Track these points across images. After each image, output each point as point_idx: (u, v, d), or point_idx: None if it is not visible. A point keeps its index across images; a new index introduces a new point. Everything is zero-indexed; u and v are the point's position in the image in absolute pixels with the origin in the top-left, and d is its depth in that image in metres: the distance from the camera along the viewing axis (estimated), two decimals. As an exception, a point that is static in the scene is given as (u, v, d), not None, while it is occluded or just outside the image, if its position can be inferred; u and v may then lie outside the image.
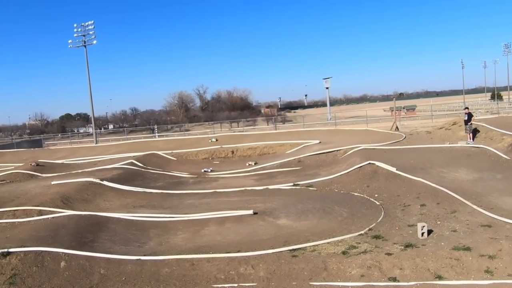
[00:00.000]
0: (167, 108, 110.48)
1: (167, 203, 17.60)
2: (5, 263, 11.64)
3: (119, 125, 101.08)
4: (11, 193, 19.14)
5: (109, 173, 22.27)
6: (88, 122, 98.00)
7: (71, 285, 10.93)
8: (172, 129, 74.86)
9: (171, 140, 41.67)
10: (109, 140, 54.73)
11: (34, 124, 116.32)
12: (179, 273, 11.02)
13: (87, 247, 12.62)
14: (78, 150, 38.77)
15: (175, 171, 25.43)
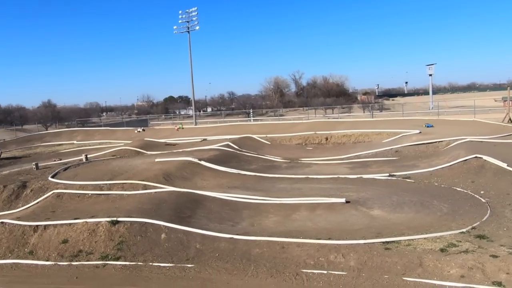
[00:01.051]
0: (262, 92, 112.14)
1: (260, 185, 17.97)
2: (114, 230, 12.85)
3: (217, 108, 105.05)
4: (121, 168, 20.93)
5: (206, 154, 23.31)
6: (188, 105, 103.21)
7: (170, 256, 11.74)
8: (267, 113, 75.91)
9: (266, 124, 42.32)
10: (207, 122, 57.13)
11: (141, 105, 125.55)
12: (270, 255, 11.26)
13: (185, 222, 13.41)
14: (179, 131, 41.06)
15: (269, 155, 25.83)
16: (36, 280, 11.08)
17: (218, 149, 25.38)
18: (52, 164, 25.00)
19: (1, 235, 13.51)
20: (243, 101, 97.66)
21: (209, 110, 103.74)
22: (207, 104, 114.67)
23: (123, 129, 45.81)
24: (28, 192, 18.54)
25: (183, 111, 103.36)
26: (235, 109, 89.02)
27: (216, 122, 54.05)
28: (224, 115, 65.21)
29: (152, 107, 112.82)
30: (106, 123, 63.86)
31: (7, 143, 41.23)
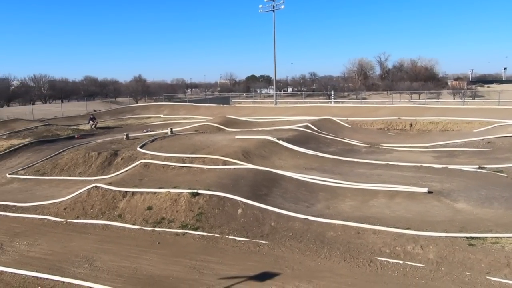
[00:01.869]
0: (345, 74, 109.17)
1: (338, 169, 17.72)
2: (194, 201, 13.47)
3: (297, 88, 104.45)
4: (202, 143, 21.75)
5: (285, 134, 23.40)
6: (269, 84, 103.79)
7: (245, 230, 12.09)
8: (348, 96, 74.10)
9: (347, 107, 41.33)
10: (287, 102, 57.19)
11: (224, 83, 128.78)
12: (344, 239, 11.16)
13: (261, 199, 13.68)
14: (259, 110, 41.54)
15: (348, 139, 25.30)
16: (123, 241, 12.01)
17: (297, 130, 25.35)
18: (141, 135, 26.65)
19: (95, 198, 14.77)
20: (325, 82, 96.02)
21: (290, 90, 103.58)
22: (288, 84, 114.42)
23: (206, 105, 47.32)
24: (119, 160, 20.00)
25: (264, 90, 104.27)
26: (316, 90, 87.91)
27: (296, 103, 53.87)
28: (304, 95, 64.65)
29: (234, 85, 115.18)
30: (190, 99, 66.38)
31: (102, 114, 44.54)
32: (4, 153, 24.91)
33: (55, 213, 14.50)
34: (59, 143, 27.14)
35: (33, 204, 15.53)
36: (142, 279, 9.75)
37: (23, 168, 21.35)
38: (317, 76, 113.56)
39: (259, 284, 9.20)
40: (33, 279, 10.00)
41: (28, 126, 33.05)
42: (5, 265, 10.71)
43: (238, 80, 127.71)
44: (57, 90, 76.78)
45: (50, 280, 9.86)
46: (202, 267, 10.19)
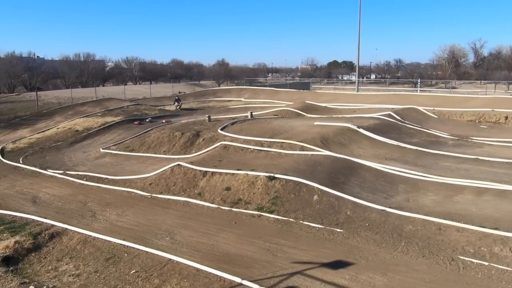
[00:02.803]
0: (434, 62, 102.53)
1: (421, 161, 16.92)
2: (271, 185, 13.66)
3: (381, 75, 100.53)
4: (281, 127, 21.86)
5: (366, 122, 22.74)
6: (352, 70, 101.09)
7: (320, 217, 12.06)
8: (436, 84, 69.79)
9: (434, 96, 39.03)
10: (369, 90, 55.36)
11: (305, 68, 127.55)
12: (423, 234, 10.71)
13: (338, 187, 13.51)
14: (340, 96, 40.69)
15: (434, 130, 23.96)
16: (202, 219, 12.56)
17: (378, 118, 24.52)
18: (222, 118, 27.43)
19: (177, 175, 15.55)
20: (411, 69, 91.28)
21: (373, 77, 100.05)
22: (371, 71, 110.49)
23: (286, 90, 47.31)
24: (201, 140, 20.81)
25: (346, 76, 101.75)
26: (401, 77, 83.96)
27: (379, 90, 51.97)
28: (388, 83, 62.14)
29: (315, 71, 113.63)
30: (270, 83, 66.73)
31: (187, 95, 46.41)
32: (99, 129, 27.05)
33: (142, 188, 15.50)
34: (146, 122, 28.81)
35: (122, 178, 16.75)
36: (218, 255, 10.15)
37: (114, 144, 23.06)
38: (403, 63, 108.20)
39: (331, 271, 9.16)
40: (121, 247, 10.84)
41: (120, 105, 35.46)
42: (97, 232, 11.73)
43: (319, 66, 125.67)
44: (147, 72, 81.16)
45: (135, 249, 10.62)
46: (276, 249, 10.36)
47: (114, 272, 9.71)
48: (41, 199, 15.03)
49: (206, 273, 9.29)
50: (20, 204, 14.48)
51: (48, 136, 26.93)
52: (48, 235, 11.75)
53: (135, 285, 9.06)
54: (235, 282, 8.85)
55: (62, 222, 12.49)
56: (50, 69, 62.20)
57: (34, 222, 12.62)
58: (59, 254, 10.89)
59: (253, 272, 9.23)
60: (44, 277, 9.79)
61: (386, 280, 8.81)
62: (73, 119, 30.33)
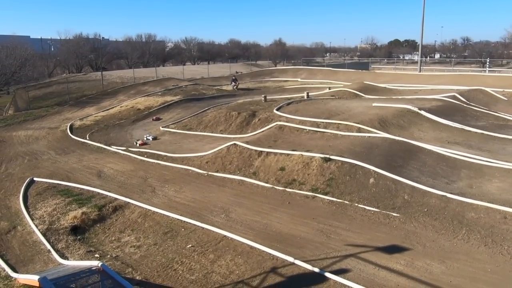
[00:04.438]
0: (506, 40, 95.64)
1: (487, 145, 16.00)
2: (326, 167, 13.54)
3: (446, 55, 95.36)
4: (338, 108, 21.46)
5: (428, 104, 21.77)
6: (414, 50, 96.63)
7: (375, 201, 11.81)
8: (507, 64, 65.34)
9: (504, 77, 36.54)
10: (433, 70, 52.82)
11: (364, 47, 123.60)
12: (487, 222, 10.21)
13: (396, 171, 13.12)
14: (401, 77, 39.20)
15: (503, 113, 22.49)
16: (256, 198, 12.72)
17: (441, 100, 23.36)
18: (278, 98, 27.37)
19: (233, 154, 15.80)
20: (479, 48, 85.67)
21: (437, 57, 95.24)
22: (435, 50, 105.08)
23: (344, 70, 46.27)
24: (256, 120, 20.93)
25: (408, 56, 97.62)
26: (468, 57, 79.26)
27: (444, 71, 49.44)
28: (454, 63, 58.92)
29: (375, 50, 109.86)
30: (328, 63, 65.51)
31: (243, 75, 46.71)
32: (159, 108, 27.98)
33: (198, 165, 15.92)
34: (204, 101, 29.37)
35: (180, 156, 17.28)
36: (271, 234, 10.28)
37: (173, 123, 23.78)
38: (471, 41, 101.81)
39: (386, 256, 9.00)
40: (178, 222, 11.27)
41: (180, 84, 36.36)
42: (157, 207, 12.25)
43: (380, 45, 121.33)
44: (205, 52, 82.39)
45: (192, 225, 11.00)
46: (329, 231, 10.32)
47: (172, 245, 10.13)
48: (106, 173, 15.87)
49: (260, 251, 9.46)
50: (87, 178, 15.38)
51: (112, 114, 28.25)
52: (112, 207, 12.44)
53: (191, 259, 9.41)
54: (288, 261, 8.94)
55: (124, 196, 13.16)
56: (114, 49, 64.84)
57: (99, 195, 13.39)
58: (122, 226, 11.51)
59: (306, 253, 9.27)
60: (108, 247, 10.42)
61: (444, 268, 8.53)
62: (135, 98, 31.56)
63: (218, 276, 8.67)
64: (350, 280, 8.05)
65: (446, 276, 8.21)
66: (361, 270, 8.48)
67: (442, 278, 8.15)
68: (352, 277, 8.20)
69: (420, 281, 8.06)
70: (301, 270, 8.65)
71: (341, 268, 8.56)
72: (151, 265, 9.32)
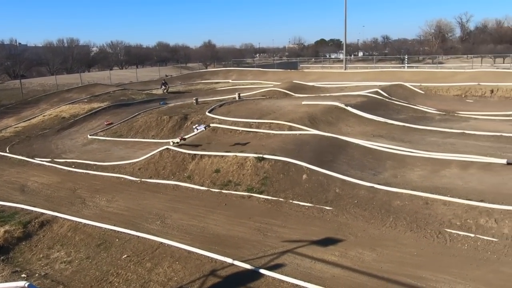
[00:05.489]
0: (421, 37, 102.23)
1: (408, 137, 17.08)
2: (260, 166, 13.71)
3: (368, 53, 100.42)
4: (269, 108, 21.83)
5: (353, 100, 22.80)
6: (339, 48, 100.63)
7: (309, 196, 12.16)
8: (423, 60, 69.88)
9: (421, 72, 39.15)
10: (357, 67, 55.34)
11: (292, 47, 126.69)
12: (411, 209, 10.88)
13: (326, 165, 13.60)
14: (327, 75, 40.60)
15: (421, 105, 24.12)
16: (192, 202, 12.60)
17: (366, 96, 24.58)
18: (210, 100, 27.28)
19: (166, 159, 15.52)
20: (398, 46, 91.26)
21: (360, 55, 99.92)
22: (358, 48, 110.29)
23: (273, 70, 47.07)
24: (189, 123, 20.74)
25: (333, 54, 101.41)
26: (388, 54, 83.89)
27: (367, 68, 51.96)
28: (375, 60, 62.09)
29: (303, 50, 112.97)
30: (258, 64, 66.36)
31: (174, 78, 45.97)
32: (86, 116, 26.76)
33: (131, 173, 15.47)
34: (134, 106, 28.54)
35: (111, 164, 16.67)
36: (208, 237, 10.23)
37: (102, 130, 22.88)
38: (390, 39, 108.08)
39: (321, 249, 9.31)
40: (112, 232, 10.86)
41: (106, 90, 35.01)
42: (88, 218, 11.71)
43: (307, 45, 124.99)
44: (132, 56, 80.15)
45: (127, 234, 10.65)
46: (266, 229, 10.47)
47: (106, 257, 9.75)
48: (30, 187, 14.94)
49: (198, 255, 9.38)
50: (9, 194, 14.38)
51: (35, 124, 26.63)
52: (38, 223, 11.72)
53: (127, 269, 9.12)
54: (227, 262, 8.95)
55: (51, 210, 12.45)
56: (34, 55, 61.13)
57: (23, 211, 12.56)
58: (50, 241, 10.88)
59: (244, 252, 9.33)
60: (35, 265, 9.80)
61: (375, 255, 8.98)
62: (59, 106, 29.94)
63: (156, 285, 8.48)
64: (287, 276, 8.23)
65: (377, 263, 8.66)
66: (297, 264, 8.70)
67: (373, 265, 8.57)
68: (289, 272, 8.39)
69: (353, 270, 8.42)
70: (240, 270, 8.70)
71: (278, 264, 8.72)
72: (84, 280, 8.90)
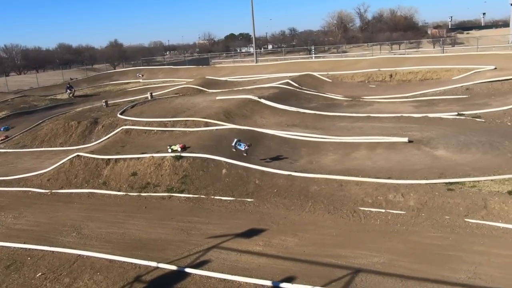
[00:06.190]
0: (325, 28, 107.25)
1: (320, 124, 17.83)
2: (178, 165, 13.51)
3: (277, 45, 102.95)
4: (183, 105, 21.53)
5: (266, 92, 23.27)
6: (249, 42, 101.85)
7: (230, 190, 12.24)
8: (329, 50, 73.37)
9: (327, 61, 41.04)
10: (267, 60, 56.44)
11: (202, 43, 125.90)
12: (327, 192, 11.39)
13: (245, 158, 13.76)
14: (239, 69, 41.00)
15: (329, 93, 25.31)
16: (110, 208, 12.07)
17: (278, 87, 25.21)
18: (121, 102, 26.25)
19: (78, 167, 14.69)
20: (305, 37, 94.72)
21: (270, 47, 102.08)
22: (267, 41, 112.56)
23: (185, 67, 46.50)
24: (100, 128, 19.77)
25: (244, 48, 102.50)
26: (296, 46, 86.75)
27: (277, 60, 53.21)
28: (284, 52, 63.79)
29: (213, 45, 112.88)
30: (169, 61, 65.09)
31: (79, 81, 43.54)
32: (-19, 128, 24.35)
33: (39, 185, 14.42)
34: (37, 114, 26.59)
35: (16, 177, 15.40)
36: (130, 243, 9.88)
37: (1, 142, 21.02)
38: (297, 31, 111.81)
39: (246, 240, 9.41)
40: (22, 251, 10.04)
41: (4, 98, 32.20)
42: (-8, 239, 10.72)
43: (217, 40, 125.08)
44: (31, 60, 74.52)
45: (39, 251, 9.91)
46: (189, 228, 10.35)
47: (18, 278, 8.99)
48: None
49: (120, 263, 9.01)
50: None
51: None
52: None
53: (43, 288, 8.51)
54: (151, 266, 8.71)
55: None
56: None
57: None
58: (-51, 270, 9.79)
59: (169, 254, 9.15)
60: None
61: (297, 240, 9.28)
62: None
63: (77, 300, 8.02)
64: (214, 271, 8.22)
65: (300, 247, 8.96)
66: (224, 259, 8.72)
67: (296, 250, 8.86)
68: (215, 267, 8.38)
69: (278, 257, 8.64)
70: (165, 272, 8.51)
71: (204, 261, 8.67)
72: (-6, 306, 8.17)
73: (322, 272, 7.88)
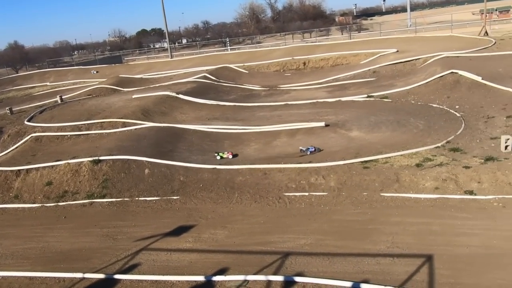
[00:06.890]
0: (238, 20, 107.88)
1: (240, 115, 17.99)
2: (97, 169, 12.93)
3: (192, 39, 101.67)
4: (98, 107, 20.59)
5: (183, 87, 22.96)
6: (162, 37, 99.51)
7: (155, 190, 11.97)
8: (244, 41, 73.86)
9: (242, 52, 41.40)
10: (183, 55, 55.64)
11: (113, 40, 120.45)
12: (252, 182, 11.56)
13: (167, 156, 13.51)
14: (154, 65, 39.99)
15: (247, 84, 25.58)
16: (25, 223, 11.27)
17: (195, 82, 24.97)
18: (27, 108, 24.45)
19: (-17, 182, 13.47)
20: (219, 30, 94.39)
21: (184, 42, 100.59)
22: (181, 36, 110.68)
23: (97, 67, 44.36)
24: (6, 137, 18.28)
25: (158, 44, 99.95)
26: (211, 39, 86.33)
27: (192, 54, 52.64)
28: (199, 46, 63.27)
29: (125, 42, 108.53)
30: (78, 62, 61.71)
31: (-23, 89, 39.80)
32: None
33: None
34: None
35: None
36: (51, 256, 9.30)
37: None
38: (211, 24, 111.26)
39: (175, 238, 9.29)
40: None
41: None
42: None
43: (129, 37, 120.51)
44: None
45: None
46: (115, 233, 9.98)
47: None
48: None
49: (42, 279, 8.45)
50: None
51: None
52: None
53: (-46, 319, 7.76)
54: (77, 278, 8.28)
55: None
56: None
57: None
58: None
59: (95, 263, 8.75)
60: None
61: (227, 232, 9.34)
62: None
63: (-5, 325, 7.42)
64: (145, 274, 8.02)
65: (230, 239, 9.03)
66: (154, 260, 8.53)
67: (227, 242, 8.92)
68: (146, 270, 8.18)
69: (209, 251, 8.64)
70: (93, 282, 8.13)
71: (134, 265, 8.42)
72: None
73: (253, 260, 8.02)
